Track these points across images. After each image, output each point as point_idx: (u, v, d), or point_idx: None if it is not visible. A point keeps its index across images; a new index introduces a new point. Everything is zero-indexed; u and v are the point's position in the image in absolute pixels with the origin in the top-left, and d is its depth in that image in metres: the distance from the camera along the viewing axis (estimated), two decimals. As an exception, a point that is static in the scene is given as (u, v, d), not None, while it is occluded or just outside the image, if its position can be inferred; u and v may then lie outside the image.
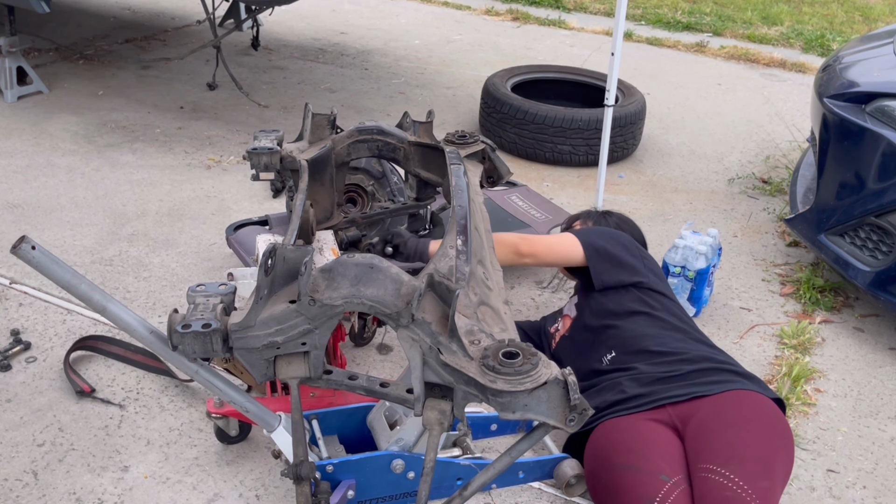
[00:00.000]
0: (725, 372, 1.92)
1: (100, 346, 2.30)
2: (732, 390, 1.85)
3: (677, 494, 1.64)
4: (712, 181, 3.80)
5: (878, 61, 2.98)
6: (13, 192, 3.23)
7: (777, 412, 1.84)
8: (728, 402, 1.82)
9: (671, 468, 1.70)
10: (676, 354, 1.97)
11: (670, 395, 1.87)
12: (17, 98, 4.10)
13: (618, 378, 1.97)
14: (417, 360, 1.48)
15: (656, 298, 2.14)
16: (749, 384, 1.89)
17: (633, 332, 2.05)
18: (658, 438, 1.79)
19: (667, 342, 2.01)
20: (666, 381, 1.91)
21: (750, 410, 1.81)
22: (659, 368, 1.94)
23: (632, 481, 1.69)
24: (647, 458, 1.73)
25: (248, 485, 1.94)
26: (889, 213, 2.54)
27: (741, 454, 1.69)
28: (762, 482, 1.64)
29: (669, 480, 1.67)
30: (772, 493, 1.65)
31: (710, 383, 1.87)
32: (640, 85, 4.71)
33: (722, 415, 1.79)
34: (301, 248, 1.54)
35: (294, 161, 2.18)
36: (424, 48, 5.58)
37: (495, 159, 2.34)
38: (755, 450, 1.71)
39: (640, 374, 1.95)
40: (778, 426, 1.80)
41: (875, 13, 7.41)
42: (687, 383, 1.89)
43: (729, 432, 1.75)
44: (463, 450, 1.96)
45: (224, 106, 4.26)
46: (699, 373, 1.91)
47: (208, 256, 2.88)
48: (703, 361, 1.94)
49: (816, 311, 2.81)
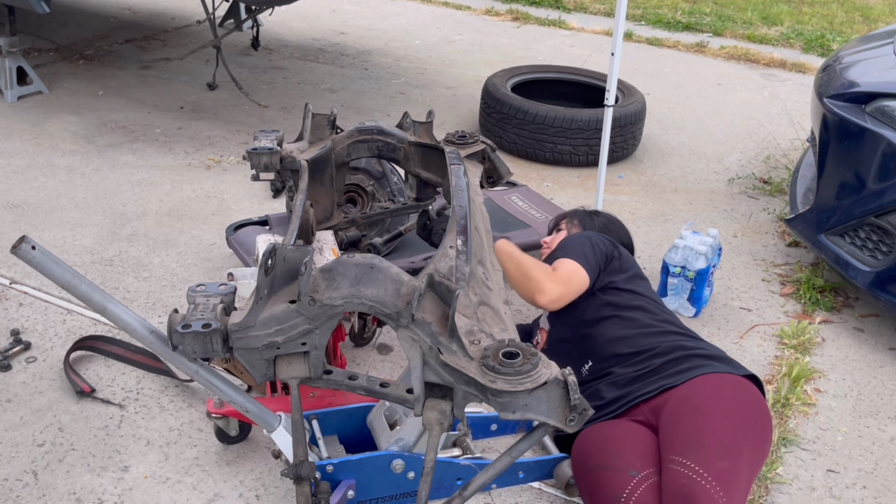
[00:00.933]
0: (695, 357, 1.95)
1: (100, 346, 2.30)
2: (700, 376, 1.88)
3: (645, 487, 1.68)
4: (712, 181, 3.80)
5: (878, 61, 2.98)
6: (13, 192, 3.23)
7: (747, 388, 1.87)
8: (694, 389, 1.86)
9: (641, 463, 1.74)
10: (647, 351, 2.00)
11: (643, 392, 1.92)
12: (17, 98, 4.10)
13: (596, 385, 2.01)
14: (417, 360, 1.48)
15: (623, 297, 2.15)
16: (719, 366, 1.93)
17: (605, 337, 2.07)
18: (630, 437, 1.83)
19: (637, 341, 2.03)
20: (639, 380, 1.95)
21: (716, 393, 1.84)
22: (632, 368, 1.98)
23: (604, 480, 1.74)
24: (618, 456, 1.77)
25: (248, 485, 1.94)
26: (889, 213, 2.54)
27: (700, 439, 1.73)
28: (721, 463, 1.67)
29: (638, 475, 1.71)
30: (732, 472, 1.67)
31: (679, 372, 1.91)
32: (640, 85, 4.71)
33: (687, 402, 1.83)
34: (301, 248, 1.54)
35: (294, 161, 2.18)
36: (424, 48, 5.58)
37: (495, 159, 2.34)
38: (716, 432, 1.74)
39: (617, 378, 1.99)
40: (745, 403, 1.83)
41: (875, 13, 7.41)
42: (658, 377, 1.93)
43: (692, 419, 1.79)
44: (463, 450, 1.96)
45: (224, 106, 4.26)
46: (669, 364, 1.94)
47: (208, 256, 2.88)
48: (674, 352, 1.97)
49: (816, 311, 2.81)
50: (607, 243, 2.26)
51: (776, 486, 2.05)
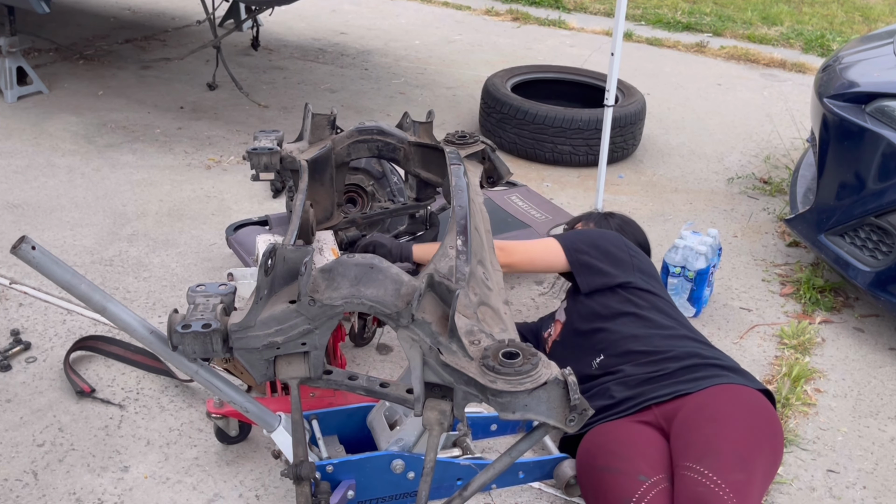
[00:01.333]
0: (711, 367, 1.93)
1: (100, 346, 2.30)
2: (716, 385, 1.86)
3: (655, 494, 1.66)
4: (712, 181, 3.80)
5: (878, 61, 2.98)
6: (13, 192, 3.23)
7: (762, 403, 1.85)
8: (710, 398, 1.83)
9: (651, 468, 1.71)
10: (662, 353, 1.98)
11: (655, 395, 1.89)
12: (17, 98, 4.10)
13: (606, 383, 1.99)
14: (417, 360, 1.48)
15: (643, 297, 2.14)
16: (735, 377, 1.91)
17: (621, 333, 2.06)
18: (640, 440, 1.81)
19: (653, 341, 2.02)
20: (652, 382, 1.92)
21: (732, 404, 1.82)
22: (645, 369, 1.95)
23: (612, 483, 1.72)
24: (627, 459, 1.75)
25: (248, 485, 1.94)
26: (889, 213, 2.54)
27: (717, 448, 1.70)
28: (737, 474, 1.65)
29: (648, 480, 1.68)
30: (747, 485, 1.66)
31: (695, 380, 1.89)
32: (640, 85, 4.71)
33: (703, 411, 1.81)
34: (301, 248, 1.54)
35: (294, 161, 2.18)
36: (424, 48, 5.58)
37: (495, 159, 2.34)
38: (732, 443, 1.72)
39: (627, 377, 1.96)
40: (761, 417, 1.81)
41: (875, 13, 7.41)
42: (672, 382, 1.90)
43: (708, 428, 1.76)
44: (463, 450, 1.96)
45: (224, 106, 4.26)
46: (684, 370, 1.92)
47: (208, 256, 2.88)
48: (689, 358, 1.95)
49: (816, 312, 2.81)
50: (618, 241, 2.26)
51: (776, 486, 2.05)
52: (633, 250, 2.27)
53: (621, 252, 2.23)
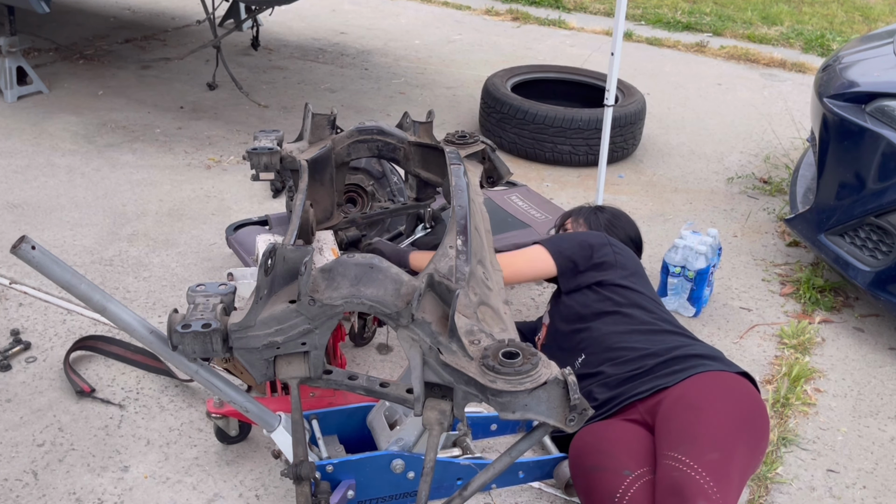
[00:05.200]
0: (690, 358, 1.95)
1: (100, 346, 2.30)
2: (694, 375, 1.88)
3: (638, 486, 1.69)
4: (712, 181, 3.80)
5: (878, 61, 2.98)
6: (13, 192, 3.23)
7: (741, 385, 1.87)
8: (689, 388, 1.86)
9: (636, 462, 1.74)
10: (640, 350, 2.00)
11: (636, 392, 1.92)
12: (17, 98, 4.10)
13: (587, 387, 2.01)
14: (417, 360, 1.48)
15: (623, 294, 2.15)
16: (713, 364, 1.93)
17: (600, 331, 2.08)
18: (626, 437, 1.83)
19: (632, 338, 2.04)
20: (632, 380, 1.95)
21: (709, 390, 1.85)
22: (624, 368, 1.98)
23: (599, 480, 1.75)
24: (613, 456, 1.77)
25: (248, 485, 1.94)
26: (889, 213, 2.54)
27: (694, 434, 1.73)
28: (711, 454, 1.67)
29: (632, 474, 1.71)
30: (725, 464, 1.68)
31: (674, 373, 1.91)
32: (640, 85, 4.71)
33: (682, 401, 1.83)
34: (301, 248, 1.54)
35: (294, 161, 2.18)
36: (424, 48, 5.58)
37: (495, 159, 2.34)
38: (709, 427, 1.75)
39: (608, 378, 1.98)
40: (739, 398, 1.83)
41: (875, 13, 7.41)
42: (651, 377, 1.93)
43: (686, 416, 1.79)
44: (463, 450, 1.96)
45: (224, 106, 4.26)
46: (663, 365, 1.94)
47: (208, 256, 2.88)
48: (668, 353, 1.97)
49: (816, 311, 2.81)
50: (601, 240, 2.26)
51: (776, 486, 2.05)
52: (617, 247, 2.27)
53: (604, 249, 2.24)
